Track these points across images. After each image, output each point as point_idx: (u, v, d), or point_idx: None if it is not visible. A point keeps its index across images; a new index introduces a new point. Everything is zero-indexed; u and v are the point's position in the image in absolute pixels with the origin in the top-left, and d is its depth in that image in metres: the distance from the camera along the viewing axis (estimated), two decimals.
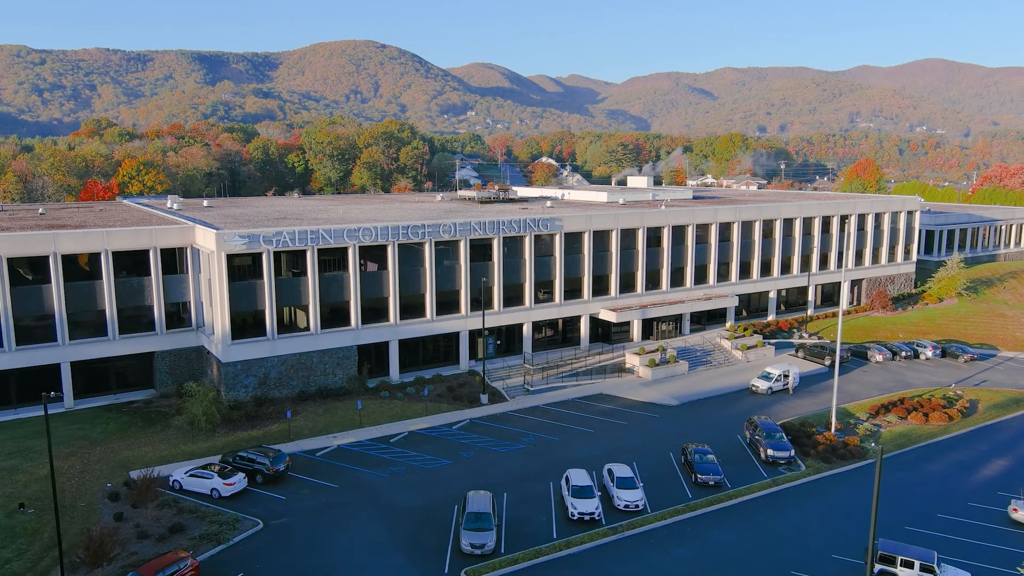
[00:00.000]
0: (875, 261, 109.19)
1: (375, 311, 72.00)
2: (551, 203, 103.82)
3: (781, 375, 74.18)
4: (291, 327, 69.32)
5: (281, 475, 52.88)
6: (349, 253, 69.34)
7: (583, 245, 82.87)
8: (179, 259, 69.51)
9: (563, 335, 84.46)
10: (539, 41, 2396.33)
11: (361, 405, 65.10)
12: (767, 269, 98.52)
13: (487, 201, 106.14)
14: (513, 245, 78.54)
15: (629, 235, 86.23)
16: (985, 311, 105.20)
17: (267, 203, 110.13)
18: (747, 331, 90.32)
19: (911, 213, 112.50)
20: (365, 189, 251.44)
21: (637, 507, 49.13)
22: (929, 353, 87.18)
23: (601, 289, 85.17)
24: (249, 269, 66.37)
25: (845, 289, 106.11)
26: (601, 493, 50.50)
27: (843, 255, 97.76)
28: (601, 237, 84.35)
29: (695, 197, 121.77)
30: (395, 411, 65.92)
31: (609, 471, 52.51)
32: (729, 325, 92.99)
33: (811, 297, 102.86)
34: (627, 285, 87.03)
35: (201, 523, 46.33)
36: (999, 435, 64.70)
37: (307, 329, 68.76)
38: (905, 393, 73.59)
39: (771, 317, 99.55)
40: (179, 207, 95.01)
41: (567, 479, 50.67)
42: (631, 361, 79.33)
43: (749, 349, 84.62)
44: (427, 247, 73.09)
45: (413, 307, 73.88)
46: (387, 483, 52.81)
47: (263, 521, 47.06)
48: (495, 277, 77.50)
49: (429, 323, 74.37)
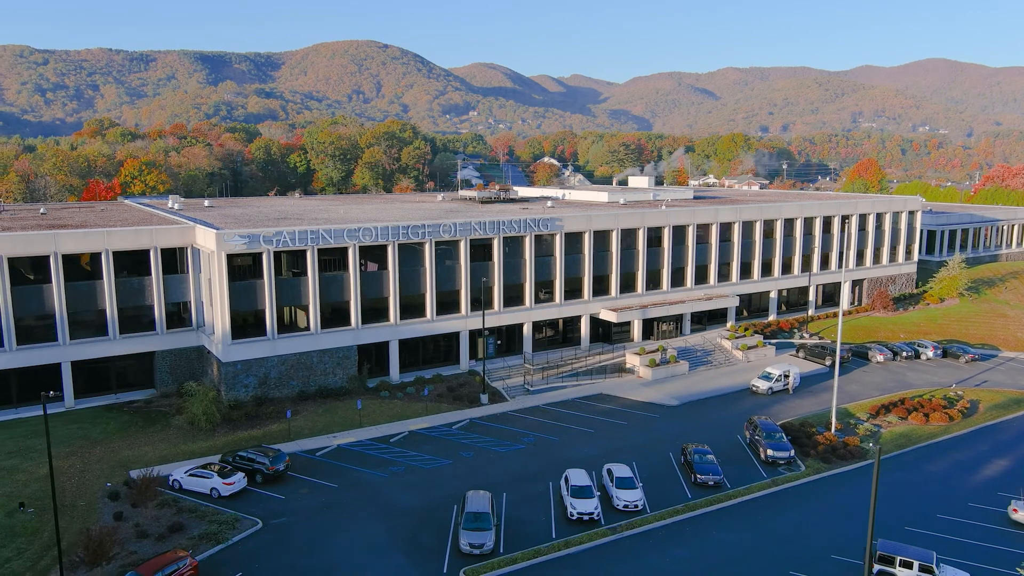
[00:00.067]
0: (876, 261, 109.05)
1: (375, 311, 72.06)
2: (552, 203, 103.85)
3: (781, 375, 74.13)
4: (291, 327, 69.41)
5: (281, 475, 52.96)
6: (349, 253, 69.40)
7: (584, 245, 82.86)
8: (179, 259, 69.61)
9: (563, 335, 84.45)
10: (541, 41, 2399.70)
11: (361, 405, 65.14)
12: (768, 269, 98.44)
13: (488, 201, 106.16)
14: (513, 245, 78.55)
15: (630, 235, 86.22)
16: (986, 311, 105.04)
17: (268, 203, 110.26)
18: (748, 331, 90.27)
19: (912, 213, 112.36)
20: (367, 189, 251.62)
21: (636, 507, 49.12)
22: (930, 353, 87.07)
23: (601, 289, 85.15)
24: (249, 269, 66.46)
25: (846, 289, 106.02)
26: (600, 493, 50.48)
27: (844, 255, 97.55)
28: (602, 237, 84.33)
29: (696, 197, 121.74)
30: (395, 411, 65.96)
31: (608, 471, 52.50)
32: (730, 325, 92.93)
33: (812, 297, 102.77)
34: (627, 285, 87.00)
35: (200, 522, 46.41)
36: (1000, 435, 64.62)
37: (307, 329, 68.83)
38: (906, 393, 73.49)
39: (772, 317, 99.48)
40: (180, 207, 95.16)
41: (566, 479, 50.68)
42: (631, 361, 79.32)
43: (750, 349, 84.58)
44: (427, 247, 73.13)
45: (413, 307, 73.92)
46: (387, 483, 52.85)
47: (262, 521, 47.11)
48: (495, 277, 77.51)
49: (429, 323, 74.41)
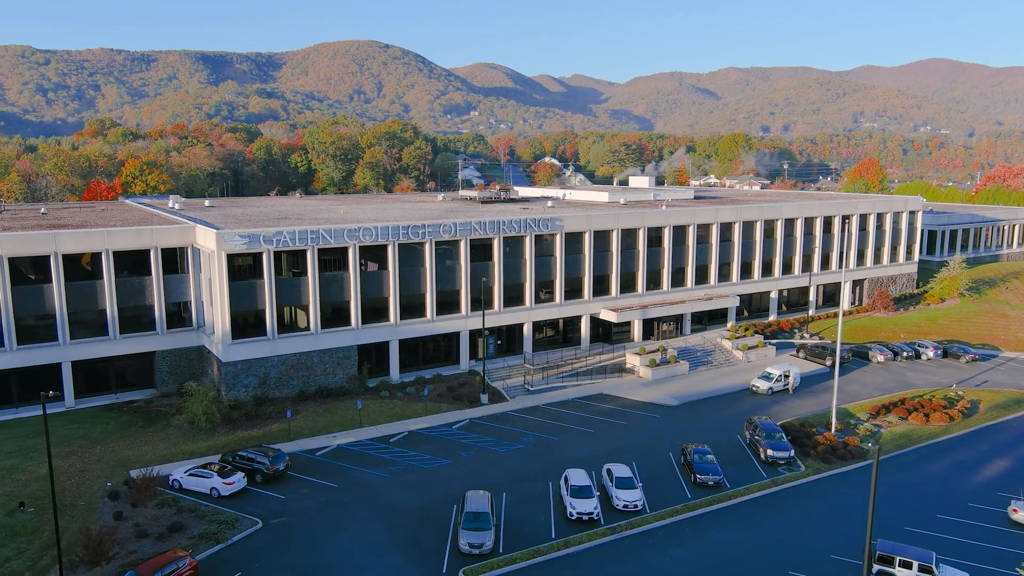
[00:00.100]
0: (877, 261, 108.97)
1: (375, 311, 72.07)
2: (552, 203, 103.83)
3: (782, 375, 74.09)
4: (291, 327, 69.43)
5: (280, 474, 52.99)
6: (349, 253, 69.42)
7: (584, 245, 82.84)
8: (180, 259, 69.65)
9: (564, 335, 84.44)
10: (542, 41, 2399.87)
11: (361, 405, 65.15)
12: (768, 269, 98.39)
13: (488, 201, 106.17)
14: (514, 245, 78.53)
15: (630, 235, 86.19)
16: (987, 311, 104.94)
17: (269, 203, 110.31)
18: (748, 331, 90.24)
19: (913, 213, 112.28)
20: (368, 189, 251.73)
21: (636, 507, 49.11)
22: (930, 353, 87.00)
23: (602, 289, 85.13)
24: (249, 269, 66.48)
25: (846, 289, 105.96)
26: (600, 493, 50.46)
27: (844, 255, 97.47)
28: (602, 237, 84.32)
29: (696, 197, 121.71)
30: (395, 411, 65.97)
31: (608, 471, 52.49)
32: (730, 325, 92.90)
33: (812, 297, 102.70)
34: (628, 285, 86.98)
35: (200, 522, 46.43)
36: (1000, 436, 64.56)
37: (307, 329, 68.85)
38: (906, 393, 73.44)
39: (772, 317, 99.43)
40: (180, 207, 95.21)
41: (566, 479, 50.69)
42: (632, 361, 79.29)
43: (750, 349, 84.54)
44: (427, 247, 73.14)
45: (413, 307, 73.94)
46: (386, 483, 52.86)
47: (262, 520, 47.12)
48: (495, 277, 77.51)
49: (429, 323, 74.42)
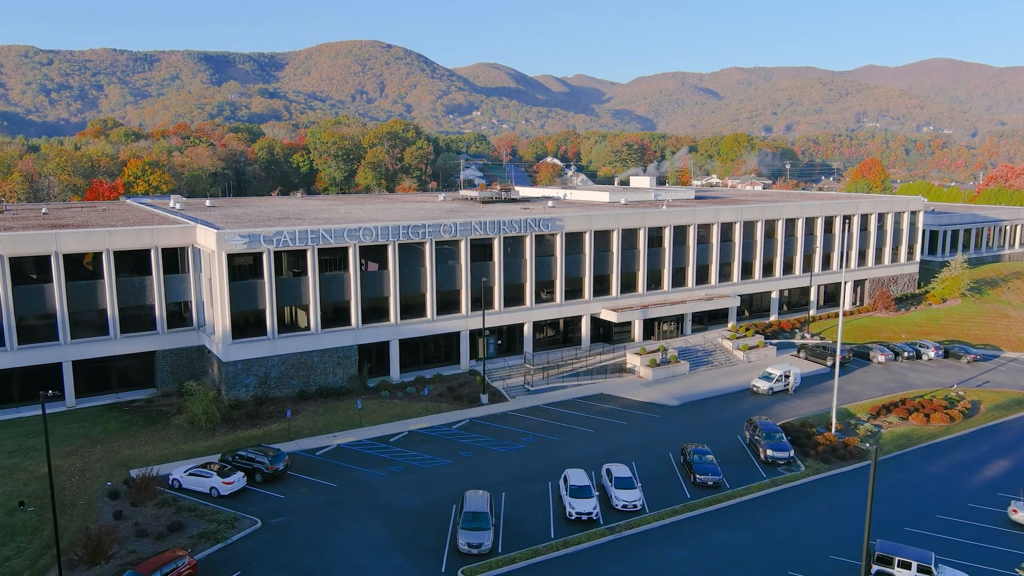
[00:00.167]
0: (878, 261, 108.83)
1: (376, 311, 72.11)
2: (553, 203, 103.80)
3: (782, 375, 74.03)
4: (292, 327, 69.48)
5: (280, 474, 53.04)
6: (350, 253, 69.46)
7: (584, 245, 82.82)
8: (180, 259, 69.72)
9: (564, 335, 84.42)
10: (545, 41, 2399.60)
11: (361, 405, 65.18)
12: (769, 269, 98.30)
13: (489, 201, 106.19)
14: (514, 245, 78.53)
15: (630, 235, 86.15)
16: (989, 312, 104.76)
17: (270, 203, 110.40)
18: (749, 331, 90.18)
19: (914, 213, 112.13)
20: (370, 189, 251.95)
21: (635, 507, 49.08)
22: (932, 354, 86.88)
23: (602, 289, 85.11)
24: (250, 269, 66.53)
25: (848, 290, 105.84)
26: (599, 493, 50.47)
27: (845, 255, 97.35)
28: (602, 237, 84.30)
29: (697, 197, 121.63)
30: (395, 411, 66.00)
31: (607, 471, 52.48)
32: (731, 325, 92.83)
33: (813, 297, 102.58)
34: (628, 285, 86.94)
35: (200, 522, 46.49)
36: (1001, 436, 64.46)
37: (308, 329, 68.90)
38: (907, 394, 73.33)
39: (773, 317, 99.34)
40: (181, 207, 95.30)
41: (565, 479, 50.66)
42: (632, 361, 79.26)
43: (751, 349, 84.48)
44: (428, 247, 73.16)
45: (414, 307, 73.97)
46: (386, 482, 52.89)
47: (261, 520, 47.16)
48: (496, 277, 77.51)
49: (430, 323, 74.44)
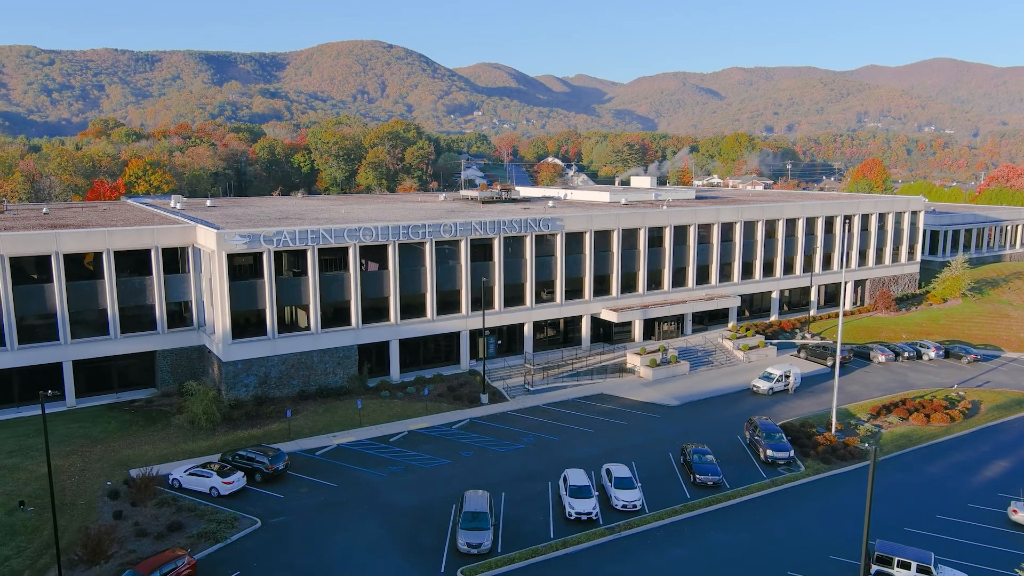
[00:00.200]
0: (879, 261, 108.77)
1: (376, 311, 72.14)
2: (553, 203, 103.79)
3: (782, 375, 74.01)
4: (292, 326, 69.51)
5: (280, 474, 53.08)
6: (350, 253, 69.49)
7: (585, 245, 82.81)
8: (181, 258, 69.79)
9: (564, 335, 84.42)
10: (546, 41, 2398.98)
11: (361, 404, 65.22)
12: (770, 269, 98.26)
13: (489, 201, 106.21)
14: (514, 245, 78.53)
15: (631, 235, 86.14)
16: (989, 312, 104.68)
17: (270, 203, 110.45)
18: (749, 331, 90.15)
19: (915, 213, 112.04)
20: (371, 189, 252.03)
21: (635, 507, 49.09)
22: (932, 354, 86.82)
23: (603, 289, 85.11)
24: (250, 268, 66.58)
25: (848, 290, 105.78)
26: (599, 493, 50.47)
27: (845, 255, 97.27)
28: (603, 237, 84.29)
29: (698, 197, 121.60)
30: (395, 411, 66.03)
31: (607, 471, 52.48)
32: (731, 325, 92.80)
33: (814, 297, 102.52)
34: (628, 285, 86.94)
35: (199, 521, 46.53)
36: (1001, 436, 64.41)
37: (308, 328, 68.94)
38: (907, 394, 73.29)
39: (774, 317, 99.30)
40: (182, 207, 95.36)
41: (565, 479, 50.67)
42: (632, 361, 79.25)
43: (751, 349, 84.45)
44: (428, 247, 73.18)
45: (414, 307, 73.99)
46: (386, 482, 52.91)
47: (261, 520, 47.20)
48: (496, 277, 77.52)
49: (430, 323, 74.46)
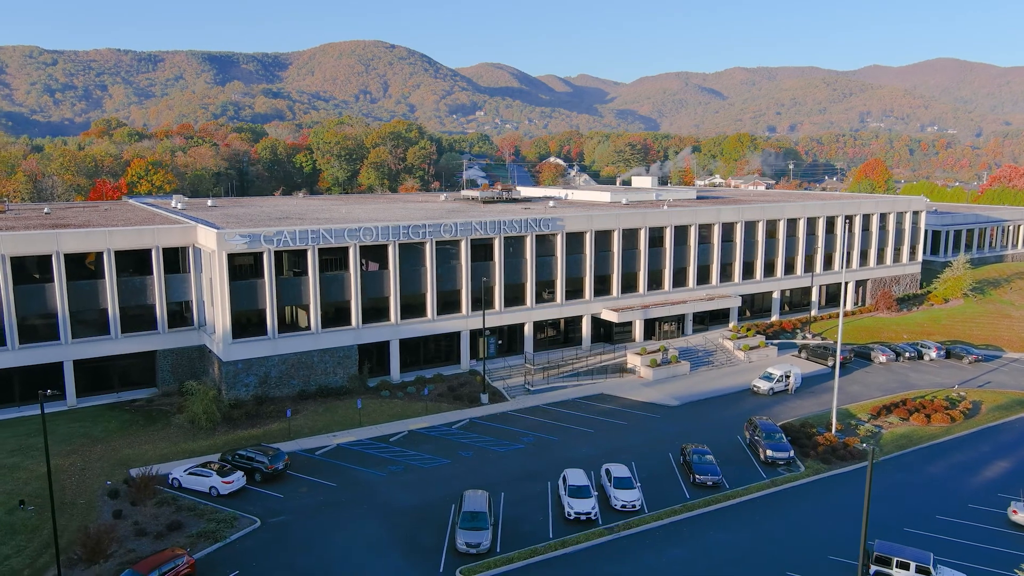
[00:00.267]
0: (880, 262, 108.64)
1: (376, 311, 72.19)
2: (554, 203, 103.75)
3: (782, 376, 73.96)
4: (292, 326, 69.56)
5: (280, 473, 53.14)
6: (350, 253, 69.54)
7: (585, 245, 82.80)
8: (181, 258, 69.88)
9: (565, 335, 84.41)
10: (548, 41, 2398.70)
11: (361, 404, 65.27)
12: (771, 269, 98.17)
13: (490, 201, 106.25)
14: (514, 245, 78.54)
15: (631, 235, 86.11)
16: (991, 312, 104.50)
17: (271, 203, 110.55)
18: (750, 332, 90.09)
19: (916, 213, 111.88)
20: (372, 189, 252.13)
21: (634, 507, 49.08)
22: (933, 354, 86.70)
23: (603, 289, 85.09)
24: (250, 268, 66.63)
25: (850, 290, 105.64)
26: (598, 493, 50.48)
27: (846, 255, 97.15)
28: (603, 237, 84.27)
29: (699, 197, 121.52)
30: (395, 410, 66.07)
31: (607, 471, 52.48)
32: (732, 325, 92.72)
33: (815, 298, 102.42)
34: (629, 285, 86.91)
35: (199, 521, 46.59)
36: (1001, 437, 64.31)
37: (308, 328, 69.00)
38: (908, 394, 73.19)
39: (775, 317, 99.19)
40: (183, 207, 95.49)
41: (564, 479, 50.67)
42: (632, 361, 79.22)
43: (752, 350, 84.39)
44: (428, 247, 73.21)
45: (414, 307, 74.03)
46: (385, 482, 52.95)
47: (261, 519, 47.25)
48: (496, 277, 77.54)
49: (430, 323, 74.50)
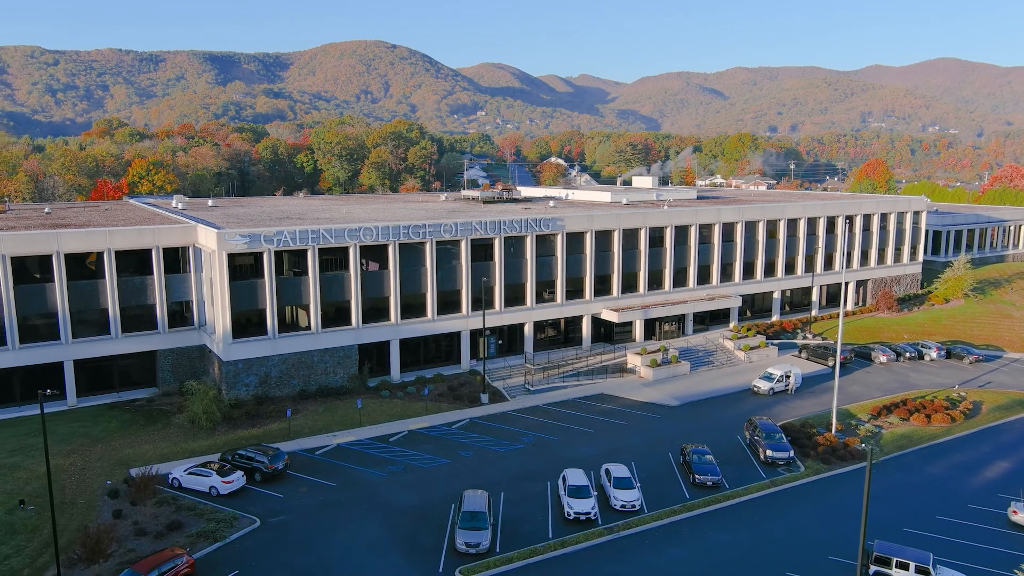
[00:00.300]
0: (881, 262, 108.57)
1: (376, 310, 72.21)
2: (554, 203, 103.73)
3: (783, 376, 73.93)
4: (292, 326, 69.60)
5: (280, 473, 53.17)
6: (350, 252, 69.57)
7: (585, 245, 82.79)
8: (181, 258, 69.96)
9: (565, 335, 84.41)
10: (549, 41, 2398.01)
11: (361, 404, 65.29)
12: (771, 269, 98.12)
13: (491, 201, 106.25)
14: (515, 245, 78.55)
15: (631, 235, 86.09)
16: (992, 312, 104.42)
17: (272, 203, 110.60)
18: (750, 332, 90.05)
19: (917, 213, 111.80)
20: (373, 189, 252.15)
21: (634, 507, 49.07)
22: (934, 354, 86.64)
23: (603, 289, 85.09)
24: (250, 268, 66.66)
25: (850, 290, 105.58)
26: (598, 493, 50.49)
27: (847, 255, 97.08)
28: (603, 237, 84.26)
29: (700, 197, 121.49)
30: (395, 410, 66.09)
31: (606, 471, 52.48)
32: (732, 326, 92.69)
33: (815, 298, 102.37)
34: (629, 285, 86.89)
35: (199, 521, 46.62)
36: (1002, 437, 64.26)
37: (308, 328, 69.03)
38: (908, 394, 73.14)
39: (775, 317, 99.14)
40: (183, 207, 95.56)
41: (564, 479, 50.68)
42: (633, 361, 79.21)
43: (752, 350, 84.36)
44: (428, 247, 73.22)
45: (414, 306, 74.05)
46: (385, 482, 52.97)
47: (260, 519, 47.28)
48: (496, 277, 77.55)
49: (430, 323, 74.51)
